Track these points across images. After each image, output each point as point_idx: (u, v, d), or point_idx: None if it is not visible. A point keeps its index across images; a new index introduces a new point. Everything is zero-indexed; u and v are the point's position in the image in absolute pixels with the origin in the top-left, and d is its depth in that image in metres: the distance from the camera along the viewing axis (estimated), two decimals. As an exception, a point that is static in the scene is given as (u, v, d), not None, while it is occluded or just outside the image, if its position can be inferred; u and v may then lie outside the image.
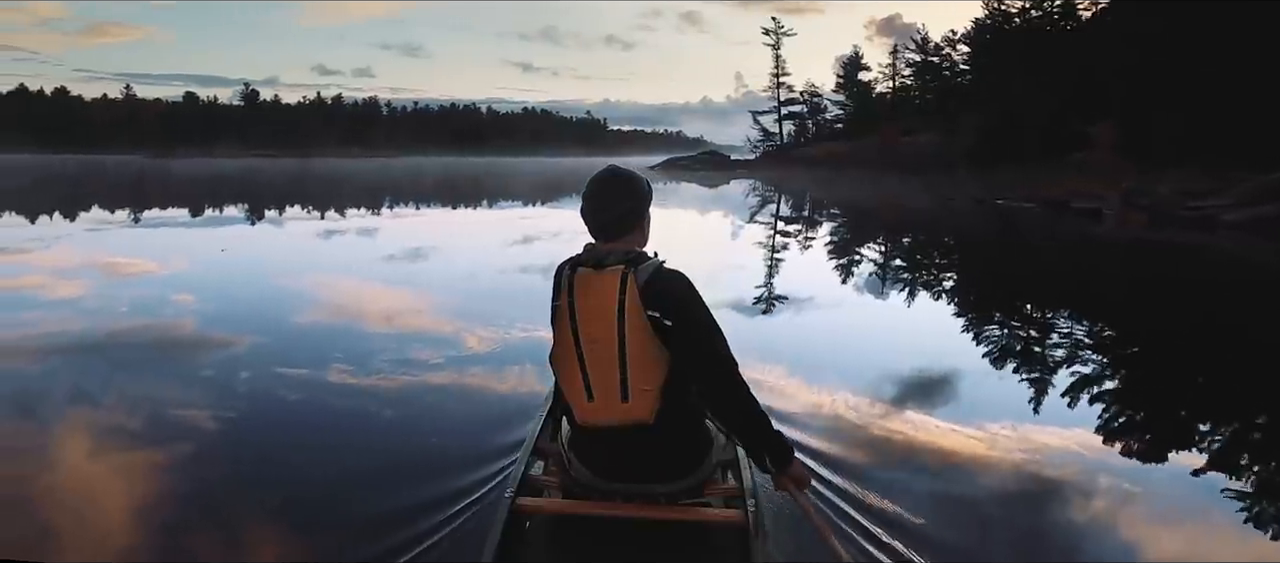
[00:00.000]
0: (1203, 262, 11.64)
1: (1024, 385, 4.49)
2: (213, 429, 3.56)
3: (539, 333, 5.68)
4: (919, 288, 8.64)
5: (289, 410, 3.89)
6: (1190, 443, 3.76)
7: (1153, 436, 3.89)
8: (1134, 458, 3.44)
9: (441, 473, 2.92)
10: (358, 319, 6.28)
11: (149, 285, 7.77)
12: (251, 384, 4.25)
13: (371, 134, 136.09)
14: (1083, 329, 6.41)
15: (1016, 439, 3.50)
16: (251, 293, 7.51)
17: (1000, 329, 6.38)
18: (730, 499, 2.21)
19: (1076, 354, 5.26)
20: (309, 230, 14.63)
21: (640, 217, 2.07)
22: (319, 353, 4.84)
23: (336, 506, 2.72)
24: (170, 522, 2.64)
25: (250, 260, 10.27)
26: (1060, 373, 4.75)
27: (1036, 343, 5.68)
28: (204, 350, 5.04)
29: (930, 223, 17.85)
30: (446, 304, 6.91)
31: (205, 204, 21.07)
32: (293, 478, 3.00)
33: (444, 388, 4.26)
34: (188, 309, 6.48)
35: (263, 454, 3.29)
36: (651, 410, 1.94)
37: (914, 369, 4.61)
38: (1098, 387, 4.54)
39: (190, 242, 12.57)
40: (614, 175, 2.09)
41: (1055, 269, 10.61)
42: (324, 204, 21.65)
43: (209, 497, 2.82)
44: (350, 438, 3.48)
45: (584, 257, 2.00)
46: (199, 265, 9.60)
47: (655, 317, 1.90)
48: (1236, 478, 3.15)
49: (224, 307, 6.63)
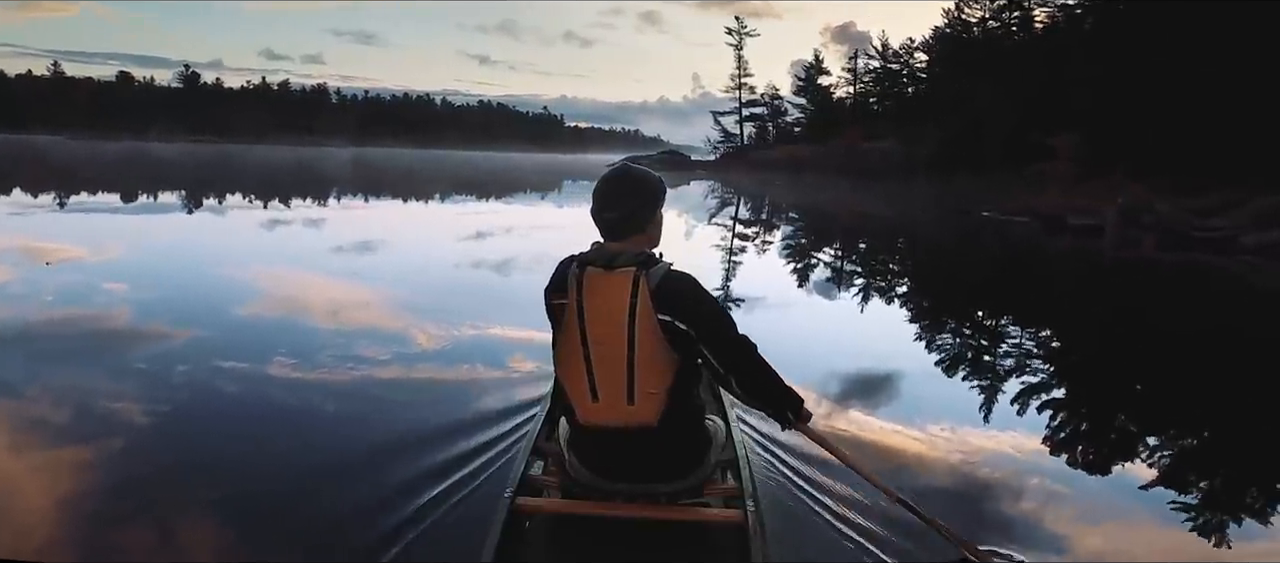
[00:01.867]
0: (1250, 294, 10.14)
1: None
2: (149, 424, 3.49)
3: (491, 330, 5.72)
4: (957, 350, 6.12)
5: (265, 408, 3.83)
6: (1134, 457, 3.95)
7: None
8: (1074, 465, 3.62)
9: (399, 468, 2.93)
10: (303, 314, 6.21)
11: (78, 273, 7.54)
12: (189, 379, 4.18)
13: (319, 122, 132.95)
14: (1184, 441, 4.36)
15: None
16: (188, 284, 7.34)
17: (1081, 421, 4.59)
18: (730, 499, 2.23)
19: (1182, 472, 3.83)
20: (248, 221, 14.31)
21: (650, 217, 2.04)
22: (257, 348, 4.76)
23: (321, 504, 2.70)
24: (125, 517, 2.59)
25: (185, 251, 10.02)
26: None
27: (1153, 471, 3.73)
28: (138, 342, 4.93)
29: (921, 240, 16.59)
30: (393, 299, 6.86)
31: (136, 189, 20.39)
32: (270, 478, 2.95)
33: (397, 383, 4.24)
34: (121, 299, 6.32)
35: (225, 453, 3.23)
36: (656, 414, 1.95)
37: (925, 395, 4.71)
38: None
39: (120, 228, 12.17)
40: (618, 173, 2.07)
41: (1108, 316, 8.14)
42: (263, 194, 21.15)
43: (146, 494, 2.77)
44: (312, 436, 3.44)
45: (593, 255, 1.98)
46: (132, 253, 9.33)
47: (666, 320, 1.90)
48: (1169, 486, 3.31)
49: (160, 296, 6.47)
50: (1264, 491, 3.39)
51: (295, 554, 2.38)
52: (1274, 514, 3.08)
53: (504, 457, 2.90)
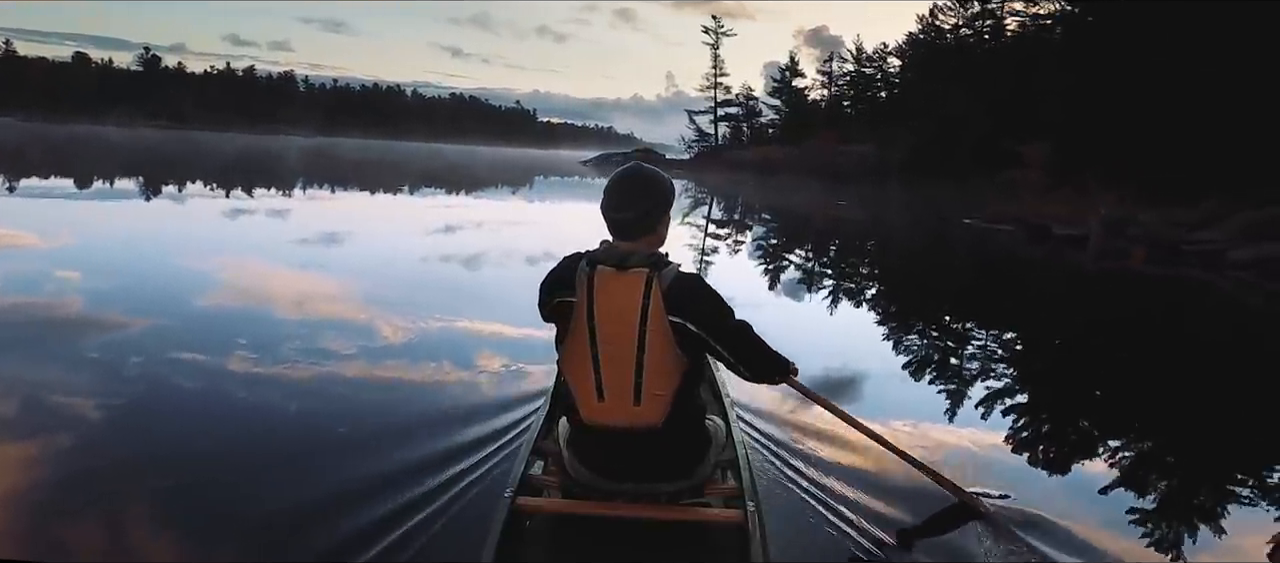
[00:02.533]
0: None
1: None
2: (105, 420, 3.41)
3: (459, 324, 5.66)
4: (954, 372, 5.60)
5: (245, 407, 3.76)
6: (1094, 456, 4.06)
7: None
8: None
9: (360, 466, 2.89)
10: (272, 308, 6.09)
11: (26, 260, 7.31)
12: (143, 371, 4.08)
13: (286, 111, 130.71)
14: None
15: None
16: (148, 272, 7.16)
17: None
18: (730, 499, 2.25)
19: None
20: (207, 211, 14.02)
21: (662, 218, 2.07)
22: (220, 344, 4.67)
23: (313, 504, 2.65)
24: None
25: (143, 240, 9.78)
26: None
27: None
28: (92, 331, 4.80)
29: (904, 247, 16.30)
30: (356, 291, 6.76)
31: (91, 175, 19.86)
32: (258, 478, 2.90)
33: (394, 381, 4.18)
34: (73, 287, 6.13)
35: (211, 452, 3.15)
36: (661, 415, 1.97)
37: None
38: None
39: (72, 215, 11.84)
40: (637, 174, 2.08)
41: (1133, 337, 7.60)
42: (224, 183, 20.74)
43: (98, 488, 2.70)
44: (311, 436, 3.37)
45: (604, 254, 1.98)
46: (85, 240, 9.08)
47: (678, 322, 1.92)
48: (1127, 489, 3.40)
49: (117, 284, 6.31)
50: (1218, 497, 3.48)
51: (291, 554, 2.33)
52: (1227, 520, 3.15)
53: (504, 456, 2.89)
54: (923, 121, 37.59)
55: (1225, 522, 3.12)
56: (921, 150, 36.39)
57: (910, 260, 13.84)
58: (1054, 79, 26.85)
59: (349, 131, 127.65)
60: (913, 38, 48.13)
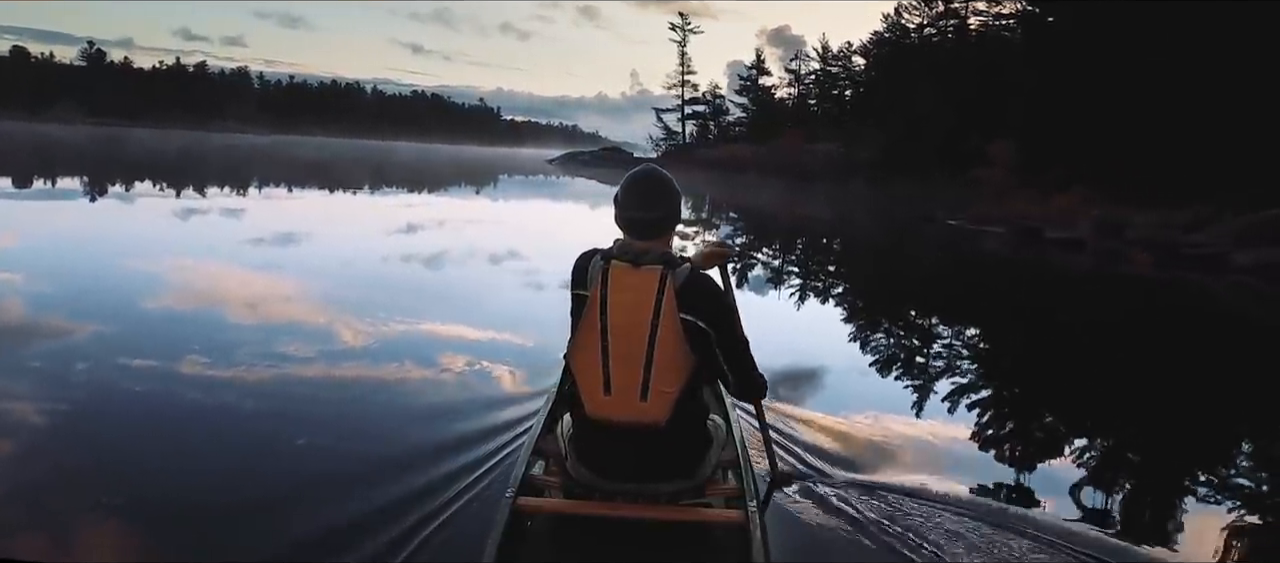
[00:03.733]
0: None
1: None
2: (50, 425, 3.33)
3: (422, 326, 5.62)
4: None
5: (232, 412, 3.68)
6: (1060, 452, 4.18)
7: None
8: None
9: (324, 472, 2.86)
10: (230, 311, 5.98)
11: None
12: (90, 379, 3.98)
13: (239, 107, 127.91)
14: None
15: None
16: (94, 275, 6.97)
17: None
18: (731, 499, 2.27)
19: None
20: (155, 212, 13.68)
21: (676, 218, 2.14)
22: (164, 345, 4.58)
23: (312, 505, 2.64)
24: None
25: (95, 241, 9.52)
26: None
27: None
28: (35, 338, 4.66)
29: (892, 251, 15.68)
30: (318, 292, 6.67)
31: (32, 173, 19.25)
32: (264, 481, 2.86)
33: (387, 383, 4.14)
34: (14, 290, 5.95)
35: (204, 457, 3.10)
36: (666, 413, 2.01)
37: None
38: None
39: (9, 216, 11.47)
40: (657, 176, 2.14)
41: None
42: (174, 183, 20.26)
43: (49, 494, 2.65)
44: (314, 437, 3.33)
45: (618, 251, 2.04)
46: (22, 242, 8.80)
47: (689, 320, 1.98)
48: (1092, 485, 3.52)
49: (61, 288, 6.13)
50: (1177, 493, 3.59)
51: (297, 554, 2.33)
52: (1185, 516, 3.25)
53: (504, 456, 2.90)
54: (890, 120, 38.09)
55: (1183, 518, 3.22)
56: (889, 148, 36.86)
57: (895, 263, 13.67)
58: (1018, 76, 27.34)
59: (306, 130, 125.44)
60: (878, 37, 48.83)
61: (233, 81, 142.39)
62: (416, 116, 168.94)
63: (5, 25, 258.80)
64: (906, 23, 45.77)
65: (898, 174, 34.00)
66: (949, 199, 24.42)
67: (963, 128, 31.53)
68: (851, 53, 55.22)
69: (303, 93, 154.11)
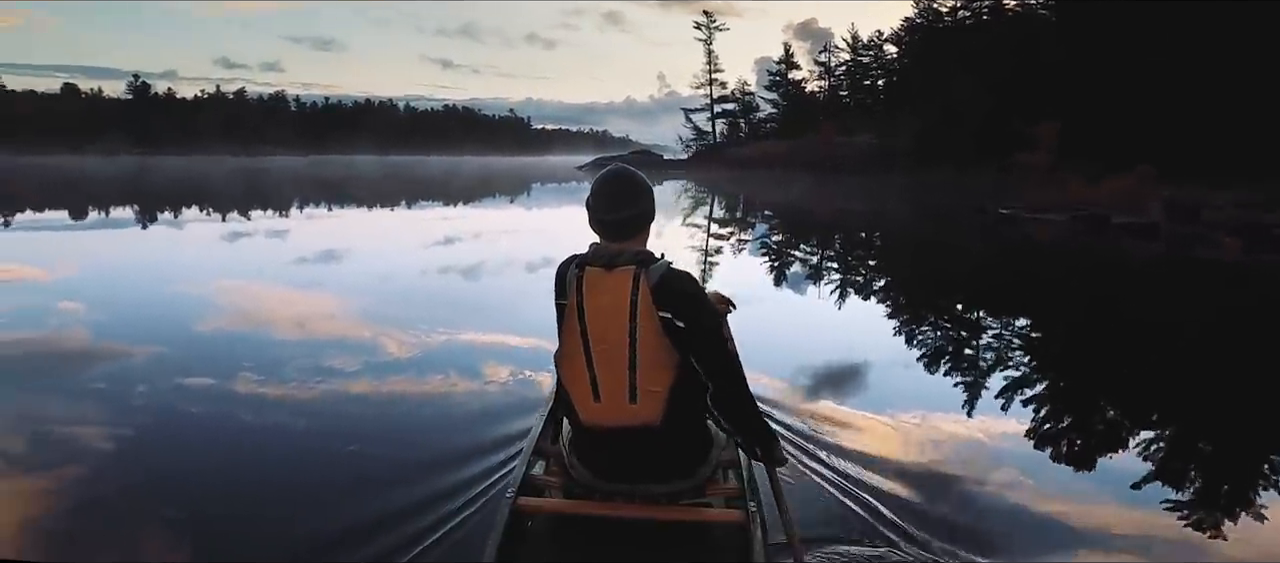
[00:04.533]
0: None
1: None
2: (114, 446, 3.50)
3: (463, 336, 5.75)
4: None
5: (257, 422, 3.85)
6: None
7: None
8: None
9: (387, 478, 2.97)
10: (287, 327, 6.19)
11: (27, 293, 7.43)
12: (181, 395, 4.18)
13: (278, 130, 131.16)
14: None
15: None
16: (149, 300, 7.26)
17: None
18: (731, 499, 2.28)
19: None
20: (206, 235, 14.14)
21: (648, 217, 2.11)
22: (236, 360, 4.78)
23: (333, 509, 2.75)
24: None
25: (161, 268, 9.90)
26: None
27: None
28: (96, 362, 4.90)
29: (955, 245, 14.58)
30: (370, 309, 6.85)
31: (86, 205, 20.03)
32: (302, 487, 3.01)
33: (395, 390, 4.28)
34: (78, 319, 6.24)
35: (214, 460, 3.26)
36: (658, 413, 1.99)
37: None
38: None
39: (67, 247, 11.97)
40: (626, 176, 2.11)
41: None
42: (221, 207, 20.87)
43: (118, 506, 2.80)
44: (316, 440, 3.51)
45: (592, 256, 2.02)
46: (87, 272, 9.20)
47: (666, 318, 1.94)
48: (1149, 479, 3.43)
49: (118, 314, 6.42)
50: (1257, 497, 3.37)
51: (302, 555, 2.41)
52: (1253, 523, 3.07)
53: (506, 458, 2.94)
54: (925, 107, 37.27)
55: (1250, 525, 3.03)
56: (925, 137, 36.12)
57: (949, 259, 12.50)
58: (1059, 55, 26.25)
59: (342, 149, 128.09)
60: (910, 23, 48.13)
61: (271, 106, 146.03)
62: (448, 130, 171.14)
63: (58, 63, 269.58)
64: (939, 6, 45.09)
65: (935, 163, 33.37)
66: (990, 186, 23.68)
67: (1002, 112, 30.67)
68: (883, 41, 54.61)
69: (337, 113, 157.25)
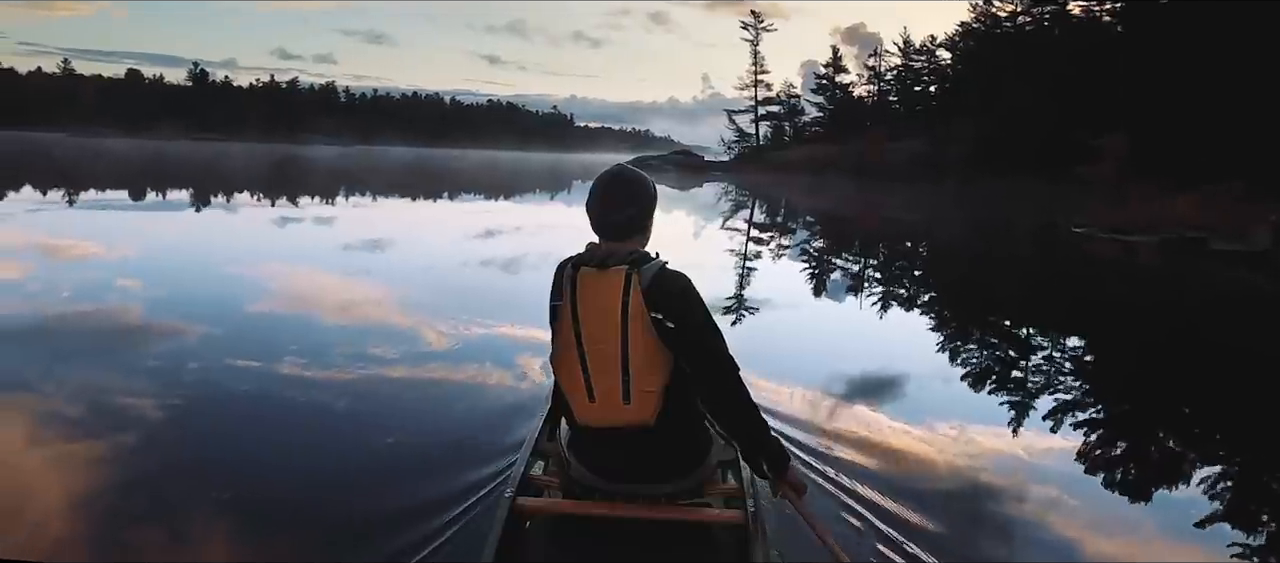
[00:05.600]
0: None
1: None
2: (157, 421, 3.66)
3: (498, 329, 5.86)
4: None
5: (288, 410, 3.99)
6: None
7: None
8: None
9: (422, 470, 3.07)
10: (312, 313, 6.38)
11: (86, 270, 7.77)
12: (200, 377, 4.34)
13: (328, 121, 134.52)
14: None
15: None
16: (202, 280, 7.53)
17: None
18: (730, 499, 2.30)
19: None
20: (257, 219, 14.56)
21: (646, 219, 2.13)
22: (266, 346, 4.94)
23: (326, 506, 2.80)
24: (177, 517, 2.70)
25: (194, 249, 10.25)
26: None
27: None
28: (152, 338, 5.12)
29: (1037, 276, 12.21)
30: (410, 298, 7.01)
31: (143, 186, 20.77)
32: (291, 481, 3.06)
33: (403, 382, 4.40)
34: (133, 296, 6.52)
35: (232, 451, 3.35)
36: (653, 412, 2.00)
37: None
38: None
39: (130, 226, 12.45)
40: (622, 176, 2.14)
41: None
42: (270, 193, 21.43)
43: (150, 492, 2.89)
44: (317, 435, 3.57)
45: (586, 256, 2.05)
46: (142, 251, 9.56)
47: (658, 318, 1.95)
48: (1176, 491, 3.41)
49: (173, 293, 6.66)
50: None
51: (298, 553, 2.46)
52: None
53: (506, 457, 2.98)
54: (982, 116, 36.18)
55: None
56: (982, 146, 34.90)
57: (1030, 287, 10.58)
58: (1130, 63, 24.91)
59: (389, 140, 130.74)
60: (966, 27, 47.09)
61: (322, 96, 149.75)
62: (493, 125, 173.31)
63: (125, 51, 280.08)
64: (997, 11, 44.03)
65: (993, 173, 32.34)
66: (1050, 199, 22.63)
67: (1065, 122, 29.53)
68: (937, 46, 53.56)
69: (385, 105, 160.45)
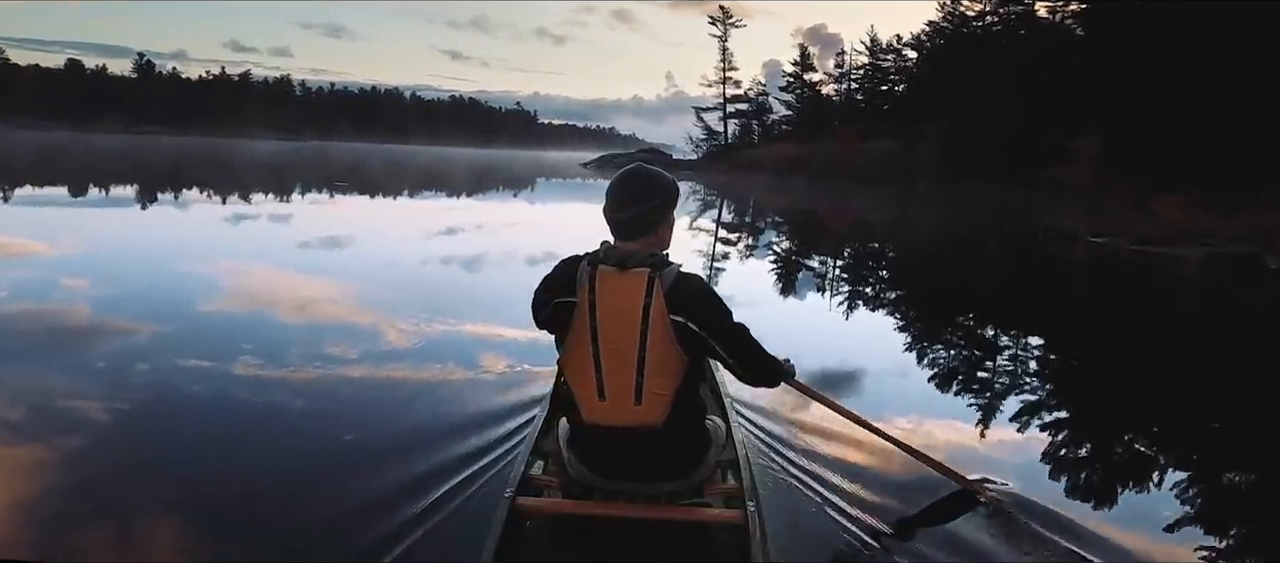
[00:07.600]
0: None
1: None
2: (90, 426, 3.60)
3: (462, 326, 5.86)
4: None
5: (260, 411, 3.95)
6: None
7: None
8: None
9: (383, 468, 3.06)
10: (284, 312, 6.30)
11: (30, 268, 7.57)
12: (176, 378, 4.29)
13: (283, 115, 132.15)
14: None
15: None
16: (151, 279, 7.39)
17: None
18: (730, 499, 2.33)
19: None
20: (208, 217, 14.29)
21: (664, 218, 2.14)
22: (239, 347, 4.87)
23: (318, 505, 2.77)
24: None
25: (157, 247, 10.04)
26: None
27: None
28: (101, 339, 5.03)
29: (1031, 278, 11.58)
30: (364, 297, 6.95)
31: (84, 182, 20.23)
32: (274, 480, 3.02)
33: (394, 382, 4.36)
34: (82, 295, 6.38)
35: (212, 453, 3.28)
36: (663, 415, 2.05)
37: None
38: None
39: (68, 222, 12.13)
40: (640, 174, 2.15)
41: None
42: (222, 189, 21.03)
43: (124, 495, 2.83)
44: (312, 436, 3.52)
45: (604, 255, 2.05)
46: (86, 248, 9.35)
47: (680, 322, 1.99)
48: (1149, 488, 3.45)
49: (121, 292, 6.54)
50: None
51: (298, 555, 2.45)
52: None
53: (504, 456, 2.99)
54: (953, 116, 36.41)
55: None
56: (953, 147, 35.01)
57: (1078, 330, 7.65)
58: (1103, 63, 25.01)
59: (348, 135, 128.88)
60: (934, 27, 47.73)
61: (276, 90, 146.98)
62: (455, 121, 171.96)
63: (66, 39, 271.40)
64: (965, 11, 44.70)
65: (963, 173, 32.60)
66: (1026, 203, 22.14)
67: (1037, 123, 29.79)
68: (903, 45, 54.29)
69: (343, 100, 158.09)
